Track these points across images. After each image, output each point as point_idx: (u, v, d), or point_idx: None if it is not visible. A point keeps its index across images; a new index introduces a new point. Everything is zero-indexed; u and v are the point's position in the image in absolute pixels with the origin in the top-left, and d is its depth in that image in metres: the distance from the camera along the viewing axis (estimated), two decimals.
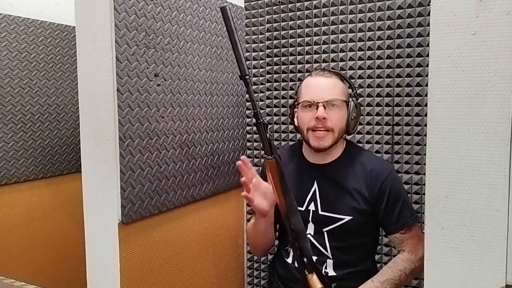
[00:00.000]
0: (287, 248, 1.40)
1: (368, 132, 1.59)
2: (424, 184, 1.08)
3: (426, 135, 0.83)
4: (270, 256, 1.76)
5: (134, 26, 1.24)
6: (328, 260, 1.32)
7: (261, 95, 1.80)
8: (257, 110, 1.21)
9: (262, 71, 1.79)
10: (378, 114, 1.57)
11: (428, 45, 1.20)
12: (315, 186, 1.35)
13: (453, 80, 0.79)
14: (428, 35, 1.37)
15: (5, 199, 1.90)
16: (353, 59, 1.59)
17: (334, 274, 1.31)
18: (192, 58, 1.48)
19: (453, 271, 0.80)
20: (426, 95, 1.17)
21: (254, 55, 1.80)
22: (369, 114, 1.58)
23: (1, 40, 1.84)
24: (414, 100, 1.50)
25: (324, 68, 1.59)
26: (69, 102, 2.14)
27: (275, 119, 1.78)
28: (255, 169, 1.82)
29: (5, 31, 1.85)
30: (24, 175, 1.96)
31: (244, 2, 1.80)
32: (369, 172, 1.30)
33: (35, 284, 1.24)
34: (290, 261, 1.37)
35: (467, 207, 0.78)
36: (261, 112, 1.40)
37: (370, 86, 1.57)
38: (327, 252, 1.31)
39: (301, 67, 1.70)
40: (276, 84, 1.76)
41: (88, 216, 1.29)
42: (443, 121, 0.80)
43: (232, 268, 1.78)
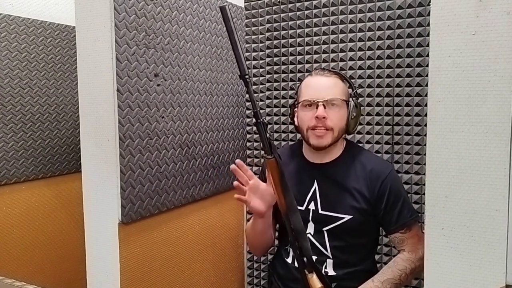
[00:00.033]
0: (287, 247, 1.40)
1: (368, 132, 1.59)
2: (424, 184, 1.08)
3: (426, 135, 0.83)
4: (270, 256, 1.76)
5: (134, 26, 1.24)
6: (328, 260, 1.32)
7: (261, 95, 1.80)
8: (257, 110, 1.21)
9: (262, 71, 1.79)
10: (378, 114, 1.57)
11: (428, 45, 1.20)
12: (315, 185, 1.35)
13: (453, 80, 0.79)
14: (428, 35, 1.37)
15: (5, 199, 1.90)
16: (353, 59, 1.59)
17: (334, 273, 1.31)
18: (192, 58, 1.48)
19: (453, 271, 0.80)
20: (426, 95, 1.17)
21: (254, 55, 1.80)
22: (369, 114, 1.58)
23: (1, 40, 1.84)
24: (414, 100, 1.50)
25: (324, 68, 1.59)
26: (69, 102, 2.14)
27: (275, 119, 1.78)
28: (255, 169, 1.83)
29: (5, 31, 1.85)
30: (24, 175, 1.96)
31: (244, 2, 1.80)
32: (369, 172, 1.30)
33: (35, 284, 1.24)
34: (290, 260, 1.37)
35: (467, 207, 0.78)
36: (261, 112, 1.40)
37: (370, 86, 1.57)
38: (327, 251, 1.32)
39: (301, 67, 1.70)
40: (276, 84, 1.76)
41: (88, 216, 1.29)
42: (443, 121, 0.80)
43: (232, 268, 1.78)
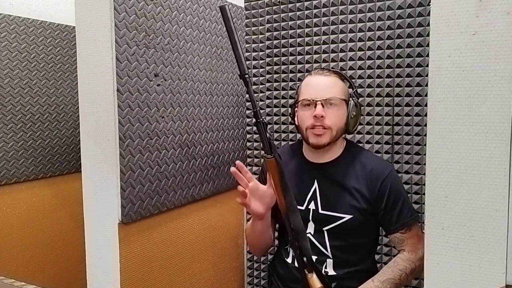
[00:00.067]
0: (287, 247, 1.40)
1: (368, 132, 1.59)
2: (424, 184, 1.08)
3: (426, 135, 0.83)
4: (270, 256, 1.76)
5: (134, 26, 1.24)
6: (328, 260, 1.32)
7: (261, 95, 1.80)
8: (256, 109, 1.21)
9: (262, 71, 1.79)
10: (378, 114, 1.57)
11: (428, 45, 1.20)
12: (315, 185, 1.35)
13: (453, 80, 0.79)
14: (428, 35, 1.37)
15: (5, 199, 1.90)
16: (353, 59, 1.59)
17: (334, 273, 1.31)
18: (192, 58, 1.48)
19: (453, 271, 0.80)
20: (426, 95, 1.17)
21: (254, 55, 1.80)
22: (369, 114, 1.58)
23: (1, 40, 1.84)
24: (414, 100, 1.50)
25: (324, 67, 1.59)
26: (69, 102, 2.14)
27: (275, 119, 1.78)
28: (255, 169, 1.83)
29: (5, 31, 1.85)
30: (24, 175, 1.96)
31: (244, 2, 1.80)
32: (369, 172, 1.30)
33: (35, 284, 1.24)
34: (290, 260, 1.37)
35: (467, 207, 0.78)
36: (261, 112, 1.40)
37: (370, 86, 1.57)
38: (327, 251, 1.32)
39: (301, 67, 1.70)
40: (276, 84, 1.76)
41: (88, 216, 1.29)
42: (443, 121, 0.80)
43: (232, 268, 1.78)
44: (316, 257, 1.31)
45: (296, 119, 1.36)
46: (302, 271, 1.25)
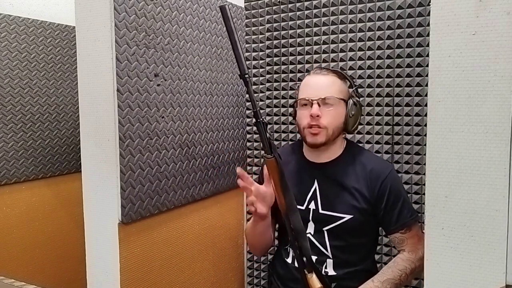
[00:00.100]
0: (287, 247, 1.40)
1: (368, 132, 1.59)
2: (424, 184, 1.08)
3: (426, 135, 0.83)
4: (270, 256, 1.76)
5: (134, 26, 1.24)
6: (328, 260, 1.32)
7: (261, 95, 1.80)
8: (256, 109, 1.21)
9: (262, 71, 1.79)
10: (378, 114, 1.57)
11: (428, 45, 1.20)
12: (316, 185, 1.35)
13: (453, 80, 0.79)
14: (428, 35, 1.37)
15: (5, 199, 1.90)
16: (353, 59, 1.59)
17: (334, 273, 1.31)
18: (192, 58, 1.48)
19: (453, 271, 0.80)
20: (426, 95, 1.17)
21: (254, 55, 1.80)
22: (369, 114, 1.58)
23: (1, 40, 1.84)
24: (414, 100, 1.50)
25: (324, 67, 1.59)
26: (69, 102, 2.14)
27: (275, 119, 1.78)
28: (255, 169, 1.83)
29: (5, 31, 1.85)
30: (24, 175, 1.96)
31: (244, 2, 1.80)
32: (369, 172, 1.30)
33: (35, 284, 1.24)
34: (290, 260, 1.37)
35: (467, 207, 0.78)
36: (261, 112, 1.40)
37: (370, 86, 1.57)
38: (327, 251, 1.32)
39: (301, 67, 1.70)
40: (276, 84, 1.76)
41: (88, 216, 1.29)
42: (443, 121, 0.80)
43: (232, 268, 1.78)
44: (316, 257, 1.31)
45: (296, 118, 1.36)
46: (302, 271, 1.25)
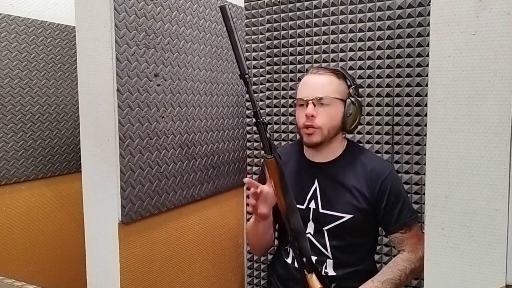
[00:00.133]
0: (287, 248, 1.40)
1: (368, 132, 1.59)
2: (424, 184, 1.08)
3: (426, 135, 0.83)
4: (270, 256, 1.76)
5: (134, 26, 1.24)
6: (328, 260, 1.32)
7: (261, 95, 1.80)
8: (256, 109, 1.21)
9: (262, 71, 1.79)
10: (378, 114, 1.57)
11: (428, 45, 1.20)
12: (316, 184, 1.35)
13: (453, 80, 0.79)
14: (428, 35, 1.37)
15: (5, 199, 1.90)
16: (353, 59, 1.59)
17: (334, 274, 1.31)
18: (192, 58, 1.48)
19: (453, 271, 0.80)
20: (426, 95, 1.17)
21: (254, 55, 1.80)
22: (369, 114, 1.58)
23: (1, 40, 1.84)
24: (414, 100, 1.50)
25: (322, 66, 1.58)
26: (69, 102, 2.14)
27: (275, 119, 1.78)
28: (255, 169, 1.83)
29: (5, 31, 1.85)
30: (24, 175, 1.96)
31: (244, 2, 1.80)
32: (369, 172, 1.30)
33: (35, 284, 1.24)
34: (290, 261, 1.37)
35: (467, 207, 0.78)
36: (261, 112, 1.40)
37: (370, 86, 1.57)
38: (327, 251, 1.31)
39: (301, 67, 1.70)
40: (276, 84, 1.76)
41: (88, 216, 1.29)
42: (443, 121, 0.80)
43: (232, 268, 1.78)
44: (316, 257, 1.31)
45: None
46: (302, 271, 1.25)
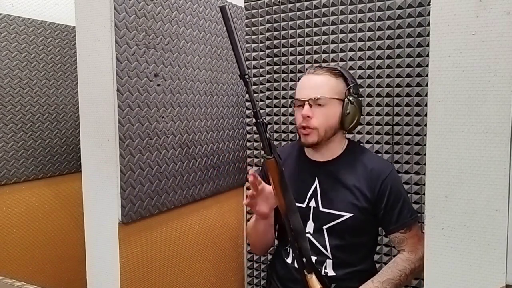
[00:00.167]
0: (287, 248, 1.40)
1: (368, 132, 1.59)
2: (424, 184, 1.08)
3: (426, 135, 0.83)
4: (270, 256, 1.76)
5: (134, 26, 1.24)
6: (327, 260, 1.32)
7: (261, 95, 1.80)
8: (256, 110, 1.21)
9: (262, 71, 1.79)
10: (378, 114, 1.57)
11: (428, 45, 1.20)
12: (316, 182, 1.35)
13: (453, 80, 0.79)
14: (428, 35, 1.37)
15: (5, 199, 1.90)
16: (353, 59, 1.59)
17: (333, 274, 1.31)
18: (192, 58, 1.48)
19: (453, 271, 0.80)
20: (426, 95, 1.17)
21: (254, 55, 1.80)
22: (369, 114, 1.58)
23: (1, 40, 1.84)
24: (414, 100, 1.50)
25: (320, 65, 1.58)
26: (69, 102, 2.14)
27: (275, 119, 1.78)
28: (255, 169, 1.83)
29: (5, 31, 1.85)
30: (24, 175, 1.96)
31: (244, 2, 1.80)
32: (370, 172, 1.30)
33: (35, 284, 1.24)
34: (290, 261, 1.37)
35: (467, 207, 0.78)
36: (261, 112, 1.41)
37: (370, 86, 1.57)
38: (326, 251, 1.32)
39: (301, 67, 1.70)
40: (276, 84, 1.76)
41: (88, 216, 1.29)
42: (443, 121, 0.80)
43: (232, 268, 1.78)
44: (315, 257, 1.31)
45: None
46: (302, 272, 1.25)
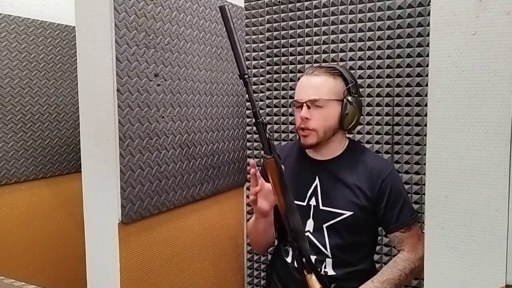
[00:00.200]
0: (287, 247, 1.40)
1: (368, 132, 1.59)
2: (424, 184, 1.08)
3: (426, 135, 0.83)
4: (270, 257, 1.76)
5: (134, 26, 1.24)
6: (327, 259, 1.32)
7: (261, 95, 1.80)
8: (256, 110, 1.21)
9: (262, 71, 1.79)
10: (378, 114, 1.57)
11: (428, 45, 1.20)
12: (317, 181, 1.35)
13: (453, 80, 0.79)
14: (428, 35, 1.37)
15: (5, 199, 1.90)
16: (353, 59, 1.59)
17: (333, 273, 1.31)
18: (192, 58, 1.48)
19: (453, 271, 0.80)
20: (426, 95, 1.17)
21: (254, 55, 1.80)
22: (369, 114, 1.58)
23: (1, 40, 1.84)
24: (414, 100, 1.50)
25: (319, 65, 1.58)
26: (69, 102, 2.14)
27: (275, 119, 1.78)
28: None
29: (5, 31, 1.85)
30: (24, 175, 1.96)
31: (244, 2, 1.79)
32: (370, 171, 1.30)
33: (35, 284, 1.24)
34: (290, 260, 1.37)
35: (467, 207, 0.78)
36: (260, 112, 1.41)
37: (370, 86, 1.57)
38: (326, 250, 1.32)
39: (301, 67, 1.70)
40: (276, 84, 1.76)
41: (88, 216, 1.29)
42: (443, 121, 0.80)
43: (232, 268, 1.78)
44: (315, 256, 1.31)
45: None
46: (302, 272, 1.25)
